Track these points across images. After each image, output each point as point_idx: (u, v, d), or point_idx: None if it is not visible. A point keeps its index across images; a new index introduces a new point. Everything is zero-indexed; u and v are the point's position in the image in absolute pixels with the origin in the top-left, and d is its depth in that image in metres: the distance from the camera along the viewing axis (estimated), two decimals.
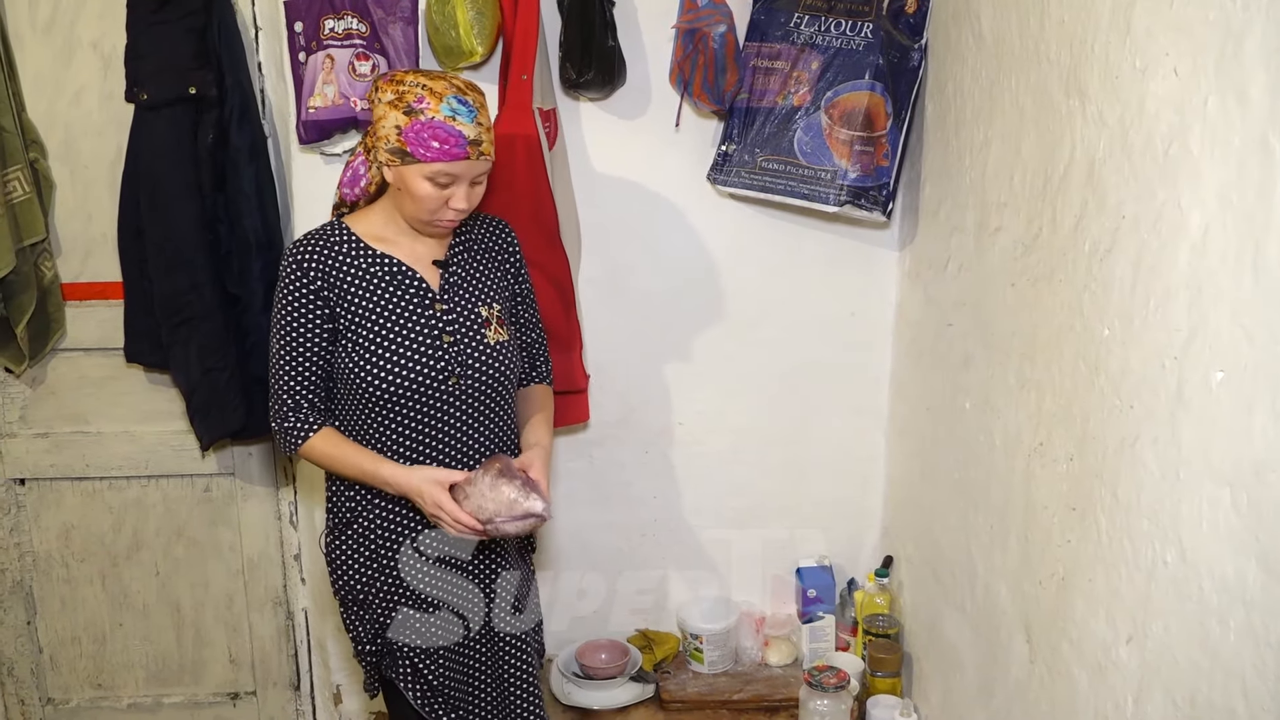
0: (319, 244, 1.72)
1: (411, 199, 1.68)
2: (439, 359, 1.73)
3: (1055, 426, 1.61)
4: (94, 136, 2.42)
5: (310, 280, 1.69)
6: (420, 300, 1.75)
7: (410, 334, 1.72)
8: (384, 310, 1.72)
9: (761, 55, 2.25)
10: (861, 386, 2.54)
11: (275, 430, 1.75)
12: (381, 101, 1.65)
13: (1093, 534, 1.49)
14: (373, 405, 1.73)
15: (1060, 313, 1.59)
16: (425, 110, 1.62)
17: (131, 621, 2.70)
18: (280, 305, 1.71)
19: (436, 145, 1.62)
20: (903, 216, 2.41)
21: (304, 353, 1.71)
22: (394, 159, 1.65)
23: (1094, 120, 1.49)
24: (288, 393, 1.72)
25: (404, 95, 1.63)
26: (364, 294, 1.72)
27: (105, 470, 2.59)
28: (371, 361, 1.70)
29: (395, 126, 1.63)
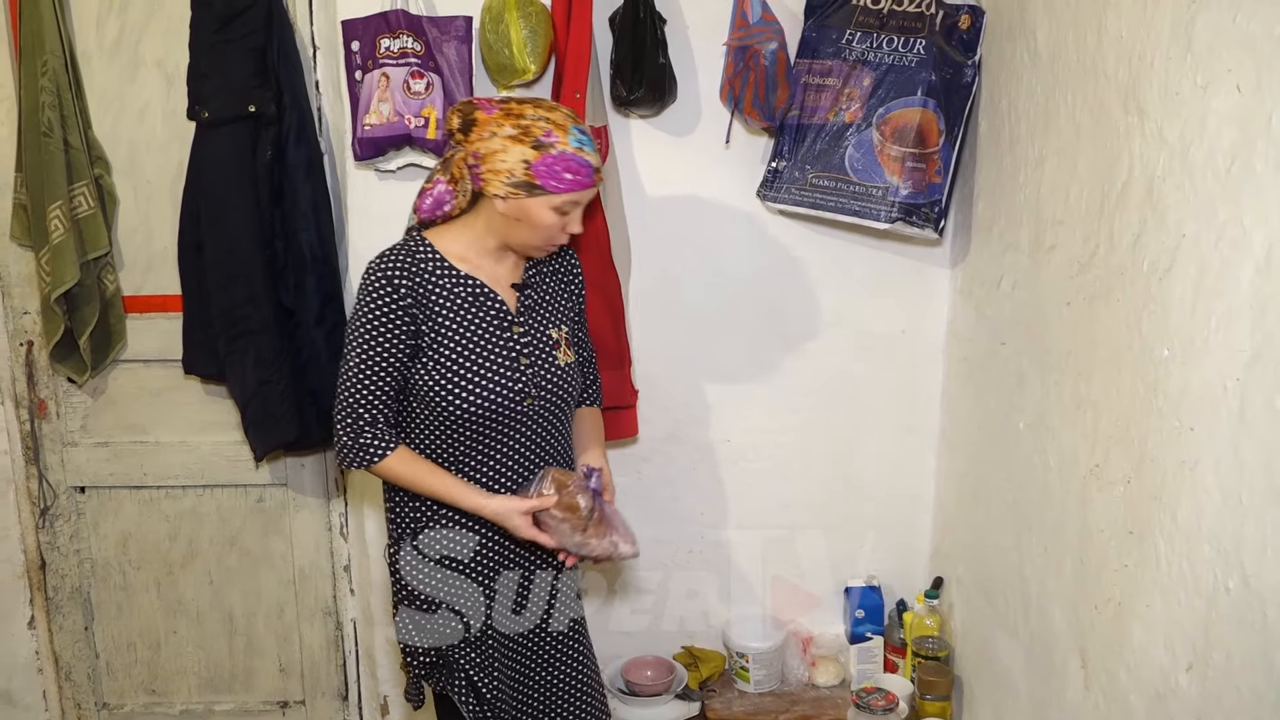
0: (409, 260, 1.72)
1: (531, 228, 1.70)
2: (517, 380, 1.76)
3: (1112, 448, 1.59)
4: (157, 153, 2.49)
5: (400, 296, 1.69)
6: (500, 322, 1.77)
7: (491, 355, 1.74)
8: (467, 331, 1.73)
9: (813, 72, 2.26)
10: (912, 405, 2.52)
11: (347, 444, 1.71)
12: (498, 135, 1.65)
13: (1151, 558, 1.47)
14: (447, 424, 1.74)
15: (1118, 332, 1.57)
16: (555, 144, 1.65)
17: (185, 629, 2.75)
18: (365, 318, 1.69)
19: (570, 177, 1.66)
20: (955, 234, 2.40)
21: (385, 367, 1.69)
22: (518, 192, 1.66)
23: (1153, 137, 1.47)
24: (365, 407, 1.70)
25: (529, 129, 1.64)
26: (449, 313, 1.73)
27: (162, 479, 2.65)
28: (453, 381, 1.71)
29: (523, 161, 1.64)
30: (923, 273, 2.45)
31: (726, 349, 2.51)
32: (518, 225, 1.71)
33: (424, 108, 2.26)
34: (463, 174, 1.72)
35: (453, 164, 1.74)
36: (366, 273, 1.71)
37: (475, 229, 1.76)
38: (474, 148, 1.68)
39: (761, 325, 2.49)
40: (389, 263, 1.71)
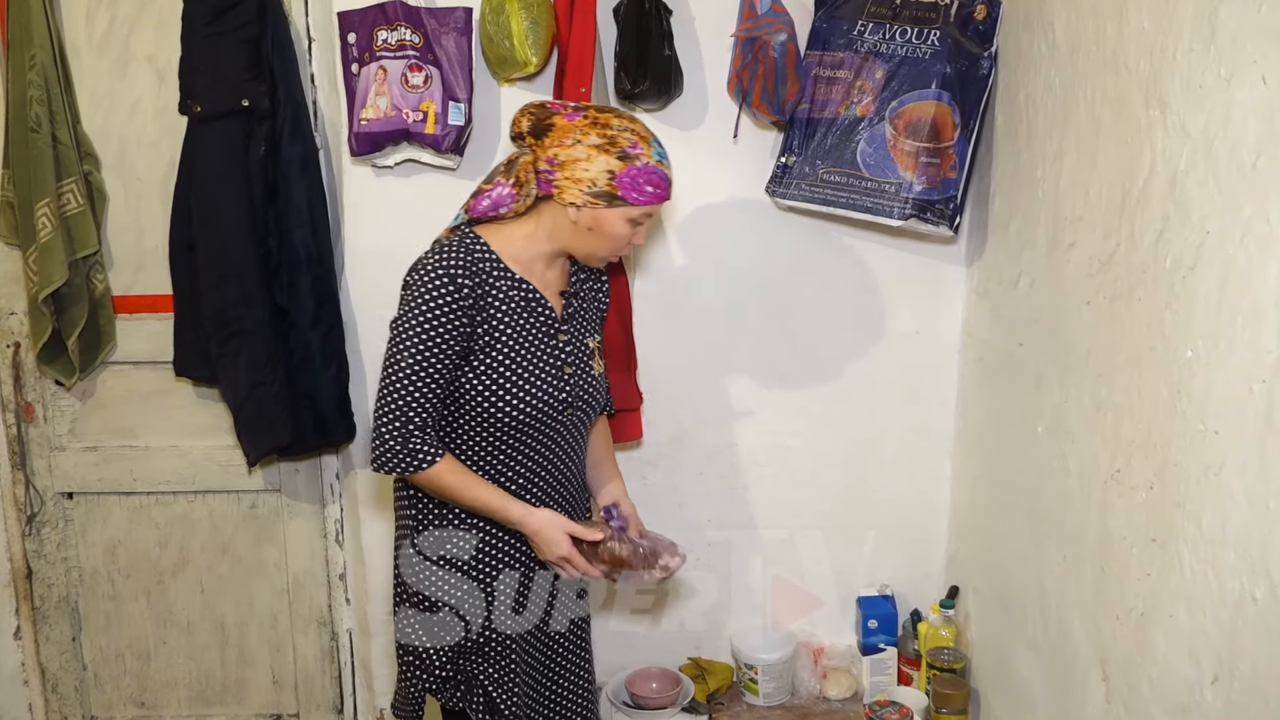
0: (470, 258, 1.71)
1: (601, 238, 1.72)
2: (562, 389, 1.78)
3: (1134, 452, 1.59)
4: (147, 149, 2.50)
5: (462, 296, 1.68)
6: (548, 329, 1.78)
7: (540, 362, 1.75)
8: (519, 336, 1.74)
9: (823, 64, 2.26)
10: (926, 408, 2.52)
11: (394, 449, 1.67)
12: (582, 143, 1.67)
13: (1175, 567, 1.46)
14: (489, 431, 1.74)
15: (1140, 332, 1.57)
16: (640, 156, 1.67)
17: (175, 639, 2.75)
18: (419, 316, 1.66)
19: (650, 190, 1.69)
20: (971, 231, 2.40)
21: (440, 368, 1.68)
22: (597, 202, 1.68)
23: (1176, 131, 1.47)
24: (415, 410, 1.67)
25: (615, 140, 1.67)
26: (504, 316, 1.72)
27: (152, 485, 2.65)
28: (504, 387, 1.71)
29: (607, 171, 1.66)
30: (937, 271, 2.45)
31: (734, 350, 2.51)
32: (588, 235, 1.72)
33: (422, 101, 2.26)
34: (529, 178, 1.72)
35: (518, 167, 1.73)
36: (425, 268, 1.68)
37: (534, 233, 1.76)
38: (550, 153, 1.68)
39: (770, 326, 2.50)
40: (450, 259, 1.69)
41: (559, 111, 1.70)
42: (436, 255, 1.70)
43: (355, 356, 2.50)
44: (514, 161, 1.75)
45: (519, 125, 1.73)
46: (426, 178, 2.42)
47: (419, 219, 2.42)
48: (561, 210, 1.71)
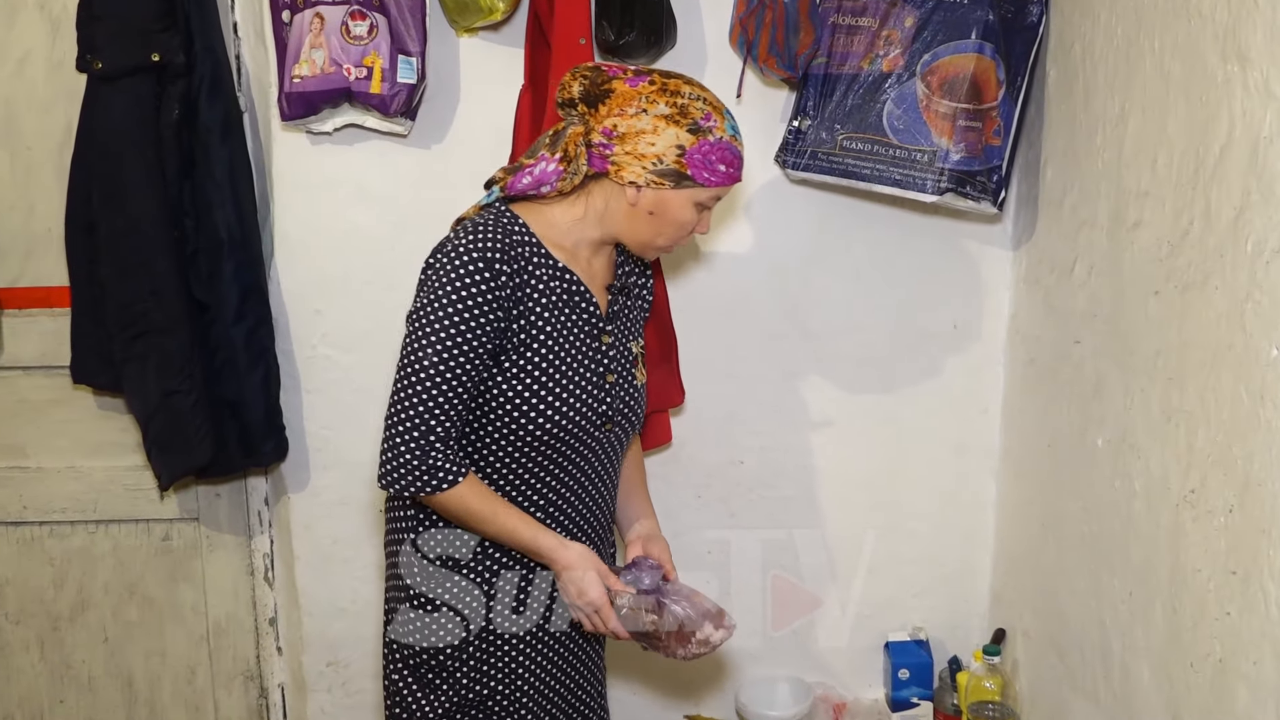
0: (509, 240, 1.69)
1: (664, 224, 1.72)
2: (602, 400, 1.78)
3: (1211, 470, 1.59)
4: (39, 113, 2.49)
5: (499, 284, 1.66)
6: (591, 329, 1.78)
7: (581, 368, 1.75)
8: (560, 336, 1.73)
9: (843, 11, 2.26)
10: (966, 418, 2.53)
11: (411, 465, 1.66)
12: (649, 113, 1.67)
13: (1258, 604, 1.47)
14: (514, 445, 1.74)
15: (1217, 327, 1.57)
16: (714, 129, 1.68)
17: (74, 697, 2.74)
18: (447, 308, 1.64)
19: (723, 169, 1.70)
20: (1018, 208, 2.40)
21: (468, 370, 1.66)
22: (662, 181, 1.68)
23: (1258, 90, 1.48)
24: (438, 419, 1.66)
25: (686, 109, 1.67)
26: (544, 311, 1.72)
27: (45, 513, 2.64)
28: (539, 395, 1.71)
29: (677, 146, 1.66)
30: (979, 256, 2.46)
31: (738, 350, 2.52)
32: (648, 220, 1.72)
33: (366, 55, 2.26)
34: (579, 152, 1.71)
35: (565, 139, 1.73)
36: (455, 251, 1.66)
37: (582, 216, 1.76)
38: (607, 123, 1.68)
39: (781, 321, 2.50)
40: (486, 240, 1.67)
41: (618, 76, 1.70)
42: (470, 236, 1.68)
43: (286, 358, 2.50)
44: (560, 132, 1.75)
45: (569, 90, 1.73)
46: (372, 146, 2.42)
47: (363, 195, 2.44)
48: (617, 190, 1.71)
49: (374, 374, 2.49)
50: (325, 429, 2.55)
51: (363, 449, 2.52)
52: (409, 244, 2.44)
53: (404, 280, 2.45)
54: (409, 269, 2.44)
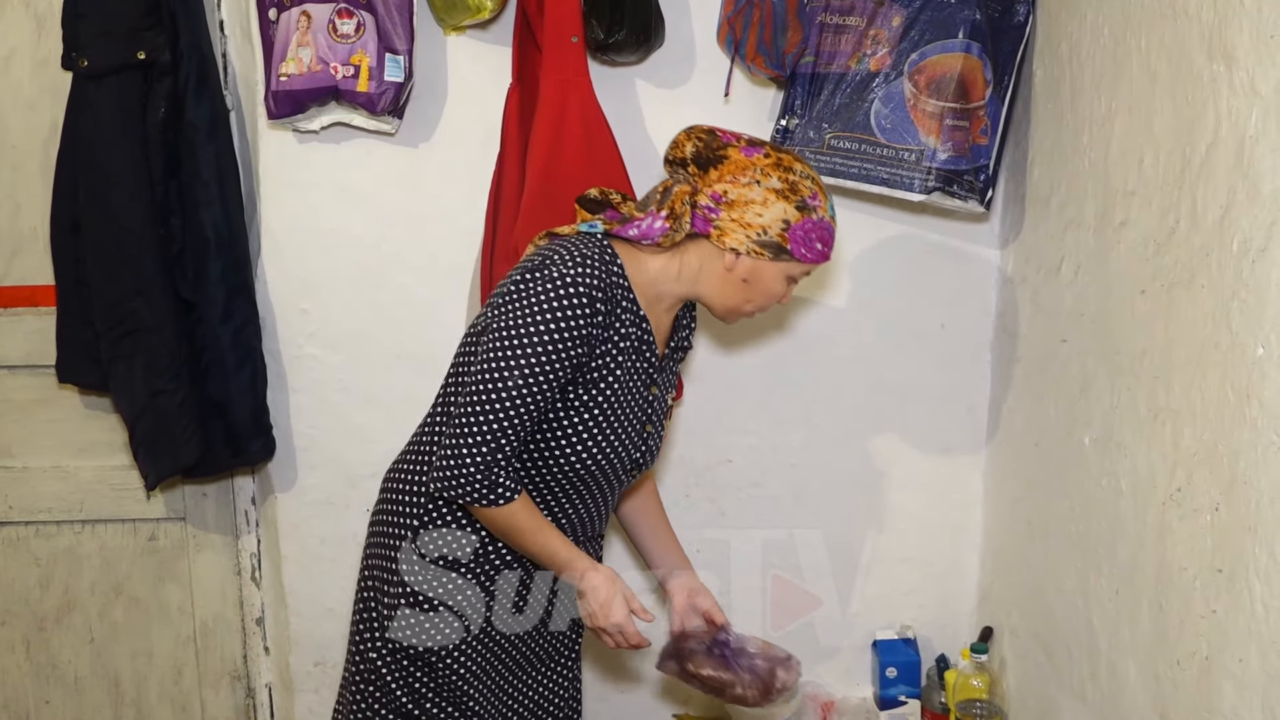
0: (609, 278, 1.71)
1: (754, 293, 1.78)
2: (639, 447, 1.85)
3: (1197, 468, 1.60)
4: (24, 111, 2.47)
5: (594, 319, 1.68)
6: (646, 378, 1.83)
7: (630, 414, 1.81)
8: (627, 381, 1.78)
9: (830, 10, 2.26)
10: (953, 416, 2.53)
11: (477, 479, 1.67)
12: (762, 185, 1.71)
13: (1244, 602, 1.47)
14: (548, 473, 1.79)
15: (1203, 326, 1.58)
16: (818, 209, 1.74)
17: (60, 698, 2.73)
18: (542, 331, 1.65)
19: (820, 248, 1.76)
20: (1005, 207, 2.41)
21: (544, 396, 1.68)
22: (763, 252, 1.72)
23: (1244, 89, 1.48)
24: (509, 438, 1.68)
25: (796, 187, 1.72)
26: (620, 356, 1.75)
27: (31, 513, 2.63)
28: (592, 435, 1.75)
29: (783, 220, 1.71)
30: (966, 255, 2.46)
31: (726, 350, 2.52)
32: (741, 286, 1.77)
33: (354, 54, 2.25)
34: (684, 212, 1.74)
35: (674, 198, 1.76)
36: (559, 275, 1.67)
37: (674, 272, 1.79)
38: (718, 188, 1.73)
39: (768, 320, 2.50)
40: (593, 274, 1.68)
41: (732, 143, 1.75)
42: (576, 264, 1.68)
43: (274, 357, 2.49)
44: (668, 189, 1.78)
45: (680, 150, 1.77)
46: (359, 144, 2.41)
47: (350, 193, 2.43)
48: (715, 254, 1.75)
49: (361, 373, 2.49)
50: (312, 428, 2.54)
51: (350, 448, 2.52)
52: (396, 243, 2.44)
53: (391, 279, 2.46)
54: (396, 268, 2.46)
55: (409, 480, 1.84)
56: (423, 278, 2.46)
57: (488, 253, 2.31)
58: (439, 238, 2.44)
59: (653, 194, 1.80)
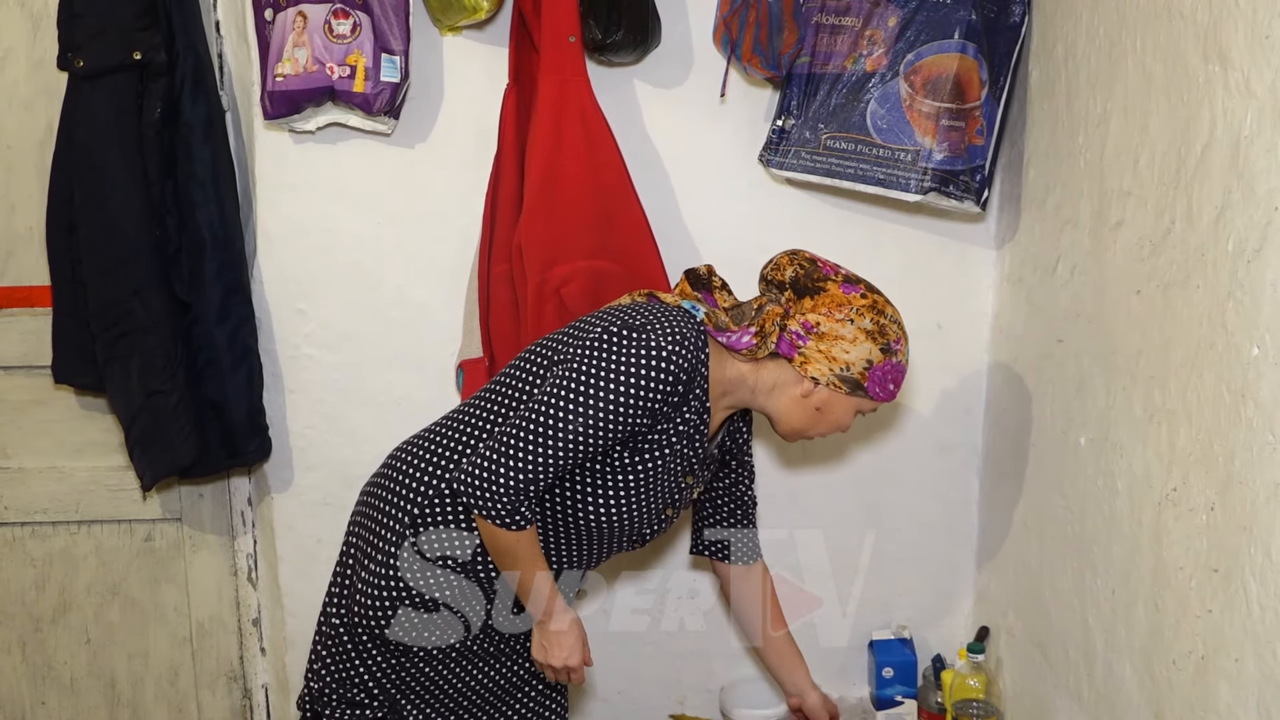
0: (700, 365, 1.75)
1: (822, 420, 1.84)
2: (650, 525, 1.89)
3: (1192, 468, 1.60)
4: (19, 111, 2.47)
5: (671, 400, 1.72)
6: (686, 466, 1.85)
7: (660, 493, 1.84)
8: (670, 464, 1.80)
9: (826, 10, 2.26)
10: (950, 417, 2.54)
11: (504, 504, 1.68)
12: (855, 324, 1.77)
13: (1240, 602, 1.47)
14: (560, 519, 1.82)
15: (1198, 326, 1.58)
16: (898, 353, 1.81)
17: (56, 699, 2.73)
18: (622, 392, 1.68)
19: (892, 388, 1.82)
20: (1001, 207, 2.41)
21: (593, 447, 1.70)
22: (841, 386, 1.78)
23: (1239, 90, 1.48)
24: (545, 472, 1.69)
25: (885, 330, 1.79)
26: (674, 439, 1.78)
27: (27, 514, 2.63)
28: (618, 502, 1.79)
29: (867, 360, 1.77)
30: (962, 255, 2.47)
31: None
32: (812, 414, 1.83)
33: (350, 54, 2.25)
34: (773, 332, 1.78)
35: (765, 316, 1.79)
36: (656, 349, 1.69)
37: (749, 381, 1.83)
38: (810, 318, 1.78)
39: None
40: (685, 357, 1.71)
41: (832, 276, 1.81)
42: (674, 341, 1.71)
43: (270, 357, 2.49)
44: (762, 307, 1.82)
45: (781, 273, 1.83)
46: (355, 145, 2.41)
47: (346, 194, 2.43)
48: (794, 378, 1.80)
49: (357, 374, 2.49)
50: (308, 429, 2.54)
51: (346, 449, 2.51)
52: (392, 243, 2.44)
53: (388, 279, 2.46)
54: (392, 268, 2.46)
55: (417, 467, 1.85)
56: (419, 278, 2.46)
57: (485, 253, 2.31)
58: (435, 238, 2.44)
59: (748, 307, 1.85)
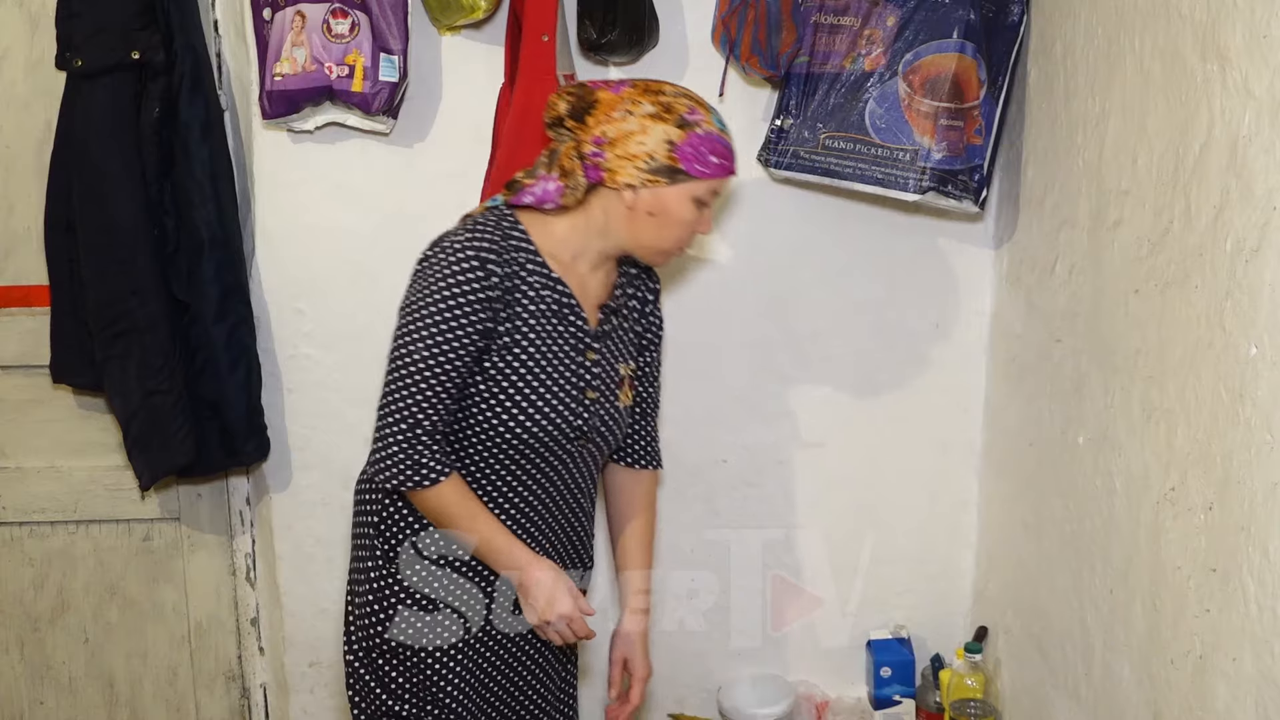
0: (503, 242, 1.73)
1: (666, 225, 1.76)
2: (578, 415, 1.81)
3: (1190, 467, 1.60)
4: (18, 111, 2.47)
5: (490, 285, 1.69)
6: (577, 344, 1.81)
7: (562, 380, 1.78)
8: (545, 345, 1.76)
9: (825, 10, 2.26)
10: (948, 416, 2.54)
11: (400, 459, 1.69)
12: (634, 114, 1.71)
13: (1238, 601, 1.47)
14: (481, 447, 1.77)
15: (1196, 326, 1.58)
16: (700, 123, 1.73)
17: (55, 699, 2.73)
18: (439, 303, 1.68)
19: (715, 161, 1.74)
20: (999, 207, 2.41)
21: (456, 367, 1.69)
22: (657, 179, 1.71)
23: (1237, 89, 1.48)
24: (426, 414, 1.69)
25: (671, 106, 1.72)
26: (532, 320, 1.75)
27: (25, 514, 2.63)
28: (515, 402, 1.74)
29: (667, 141, 1.70)
30: (960, 254, 2.47)
31: (720, 349, 2.52)
32: (649, 221, 1.75)
33: (348, 53, 2.25)
34: (574, 166, 1.75)
35: (560, 156, 1.77)
36: (451, 247, 1.70)
37: (583, 228, 1.79)
38: (597, 132, 1.73)
39: (763, 320, 2.50)
40: (481, 239, 1.71)
41: (601, 87, 1.76)
42: (468, 233, 1.72)
43: (268, 357, 2.49)
44: (555, 151, 1.79)
45: (555, 109, 1.78)
46: (353, 144, 2.41)
47: (344, 193, 2.43)
48: (616, 197, 1.75)
49: (356, 373, 2.48)
50: (307, 429, 2.54)
51: (344, 448, 2.51)
52: (391, 242, 2.44)
53: (386, 279, 2.45)
54: (391, 267, 2.44)
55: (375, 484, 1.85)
56: None
57: None
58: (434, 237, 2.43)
59: (540, 159, 1.80)
